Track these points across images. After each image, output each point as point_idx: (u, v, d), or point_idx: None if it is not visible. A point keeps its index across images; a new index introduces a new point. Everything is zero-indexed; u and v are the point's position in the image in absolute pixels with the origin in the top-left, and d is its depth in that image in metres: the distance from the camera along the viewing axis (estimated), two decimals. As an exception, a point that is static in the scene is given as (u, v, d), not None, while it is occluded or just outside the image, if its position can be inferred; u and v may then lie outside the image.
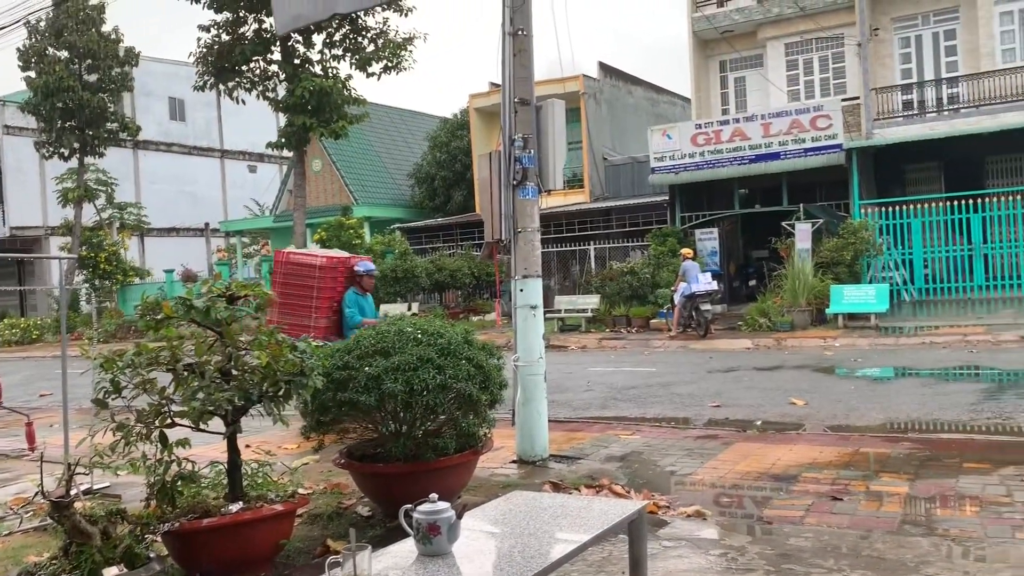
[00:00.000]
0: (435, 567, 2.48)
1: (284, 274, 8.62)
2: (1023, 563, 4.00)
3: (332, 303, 8.30)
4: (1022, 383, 9.87)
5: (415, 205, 31.95)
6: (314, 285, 8.30)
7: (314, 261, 8.40)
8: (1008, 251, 18.90)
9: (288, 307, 8.28)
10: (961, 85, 20.82)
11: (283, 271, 8.65)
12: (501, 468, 6.53)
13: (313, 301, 8.25)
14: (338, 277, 8.36)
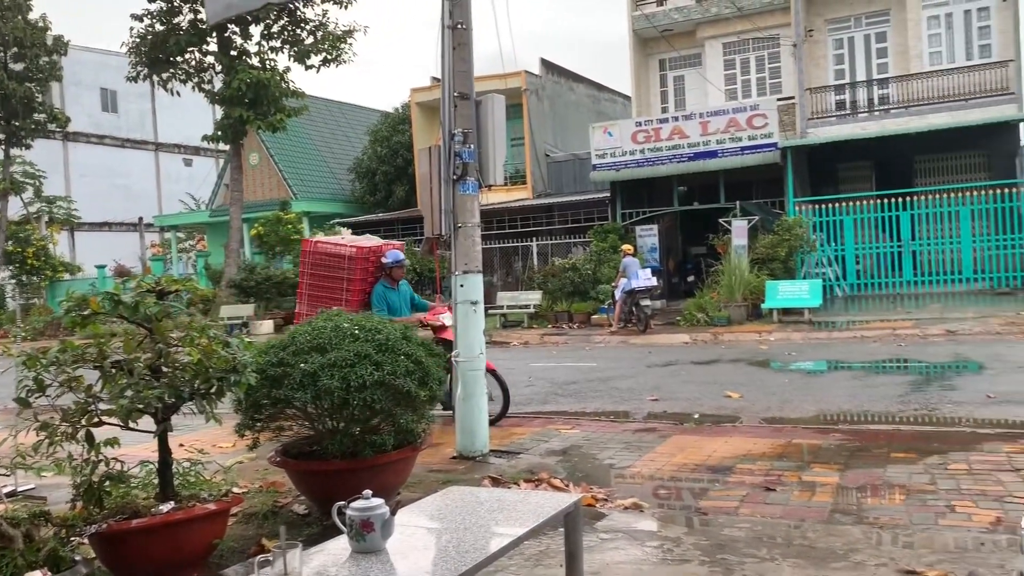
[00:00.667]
0: (368, 564, 2.45)
1: (312, 264, 8.20)
2: (946, 548, 4.13)
3: (363, 295, 7.93)
4: (947, 376, 10.22)
5: (356, 200, 31.64)
6: (344, 276, 7.91)
7: (343, 251, 7.96)
8: (935, 248, 19.55)
9: (317, 299, 7.89)
10: (891, 86, 21.44)
11: (311, 261, 8.24)
12: (441, 464, 6.50)
13: (343, 294, 7.86)
14: (369, 268, 7.96)
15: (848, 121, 21.39)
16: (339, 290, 7.82)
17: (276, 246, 25.74)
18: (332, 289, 7.87)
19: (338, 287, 7.83)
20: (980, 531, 4.39)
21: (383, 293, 7.85)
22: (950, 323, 14.65)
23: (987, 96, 19.95)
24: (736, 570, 3.96)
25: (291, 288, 24.26)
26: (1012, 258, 18.71)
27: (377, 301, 7.76)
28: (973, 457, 5.87)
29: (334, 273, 7.89)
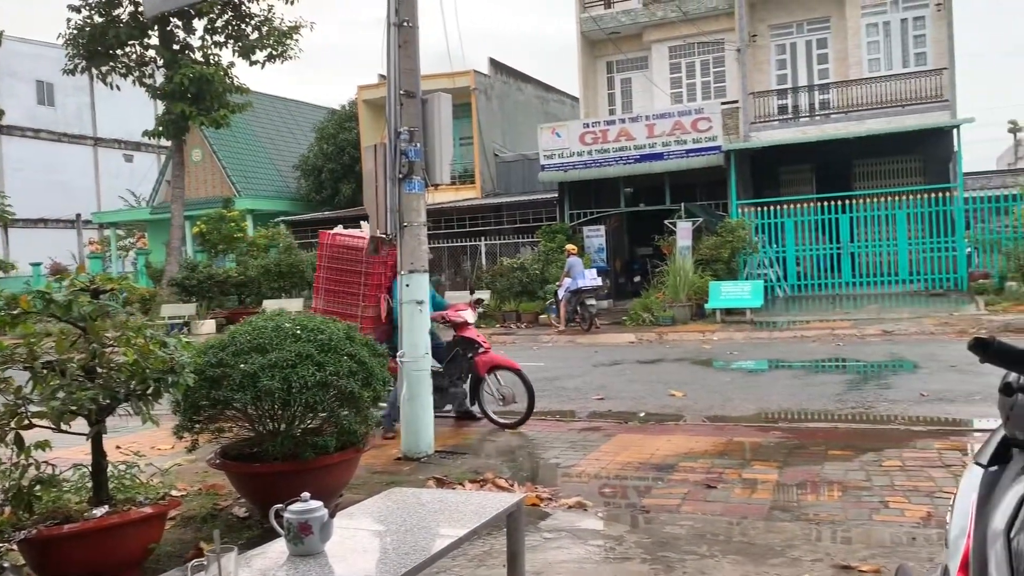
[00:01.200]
0: (306, 567, 2.42)
1: (330, 258, 7.83)
2: (880, 543, 4.23)
3: (381, 290, 7.62)
4: (883, 375, 10.49)
5: (301, 198, 31.26)
6: (361, 271, 7.55)
7: (361, 244, 7.55)
8: (873, 250, 20.06)
9: (334, 294, 7.60)
10: (831, 92, 21.94)
11: (328, 255, 7.86)
12: (386, 465, 6.45)
13: (360, 288, 7.54)
14: (388, 261, 7.52)
15: (790, 125, 21.83)
16: (356, 284, 7.54)
17: (219, 244, 25.28)
18: (349, 284, 7.59)
19: (355, 281, 7.55)
20: (912, 526, 4.51)
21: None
22: (886, 323, 15.05)
23: (922, 103, 20.52)
24: (677, 567, 4.01)
25: (234, 287, 23.88)
26: (945, 260, 19.29)
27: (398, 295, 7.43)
28: (906, 454, 6.03)
29: (351, 267, 7.58)
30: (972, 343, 1.27)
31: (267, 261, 23.67)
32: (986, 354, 1.24)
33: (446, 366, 7.74)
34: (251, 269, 23.51)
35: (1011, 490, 1.34)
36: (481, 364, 7.61)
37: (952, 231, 19.02)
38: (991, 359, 1.24)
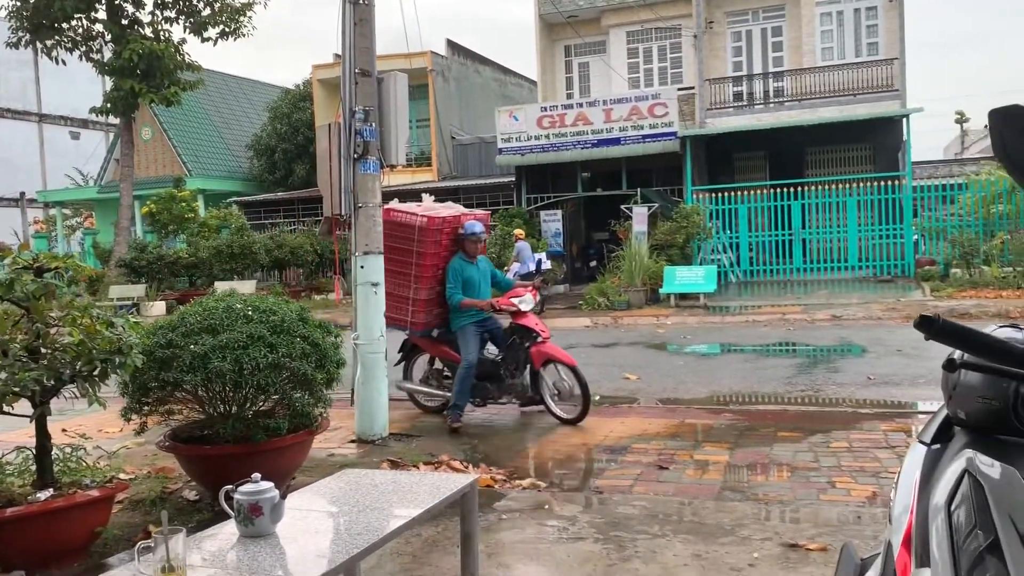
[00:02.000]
0: (257, 548, 2.39)
1: (384, 236, 7.11)
2: (827, 522, 4.33)
3: (436, 271, 7.02)
4: (832, 358, 10.70)
5: (254, 178, 30.77)
6: (413, 249, 6.95)
7: (414, 221, 6.94)
8: (823, 236, 20.41)
9: (388, 274, 6.95)
10: (786, 80, 22.22)
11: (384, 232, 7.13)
12: (339, 448, 6.41)
13: (413, 268, 6.96)
14: (443, 240, 6.99)
15: (745, 112, 22.06)
16: (408, 264, 6.98)
17: (169, 225, 24.79)
18: (402, 263, 6.99)
19: (408, 261, 6.97)
20: (858, 505, 4.62)
21: (460, 268, 6.97)
22: (836, 308, 15.34)
23: (874, 92, 20.90)
24: (628, 547, 4.06)
25: (184, 268, 23.44)
26: (894, 247, 19.71)
27: (452, 277, 6.93)
28: (853, 435, 6.17)
29: (404, 245, 6.96)
30: (918, 321, 1.29)
31: (219, 242, 23.29)
32: (931, 331, 1.26)
33: (504, 355, 7.11)
34: (202, 250, 23.11)
35: (951, 466, 1.37)
36: (536, 355, 6.91)
37: (900, 219, 19.43)
38: (936, 336, 1.26)
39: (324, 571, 2.24)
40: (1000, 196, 18.53)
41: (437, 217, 6.98)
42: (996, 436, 1.75)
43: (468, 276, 6.97)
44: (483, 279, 7.12)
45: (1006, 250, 17.71)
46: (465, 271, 6.97)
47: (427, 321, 7.18)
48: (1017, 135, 1.26)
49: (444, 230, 6.98)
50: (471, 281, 6.98)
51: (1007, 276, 16.89)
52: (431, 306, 7.09)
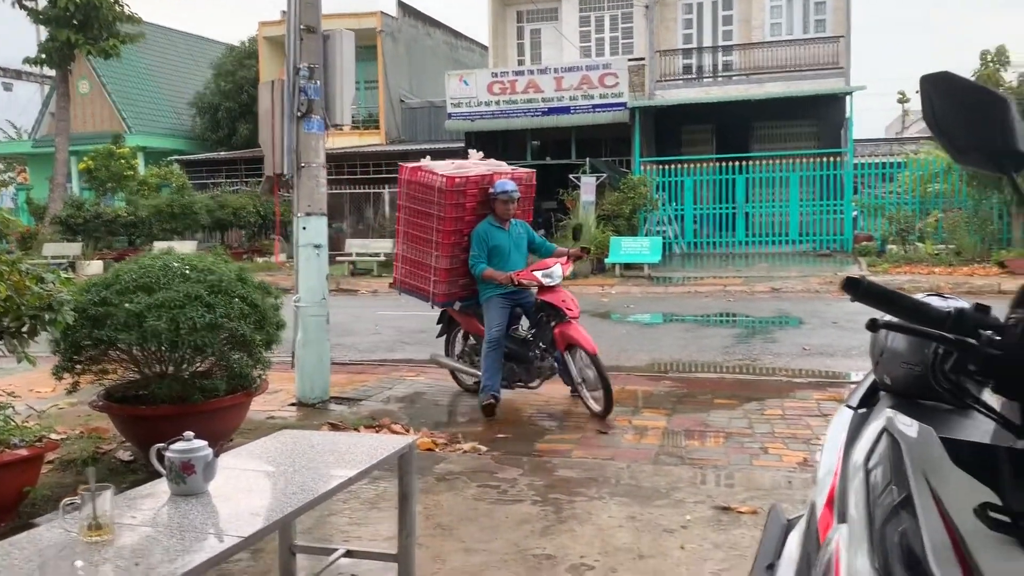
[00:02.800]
0: (188, 507, 2.36)
1: (408, 197, 6.48)
2: (758, 486, 4.44)
3: (462, 237, 6.25)
4: (769, 329, 10.94)
5: (196, 136, 30.01)
6: (434, 213, 6.21)
7: (434, 180, 6.18)
8: (766, 210, 20.75)
9: (412, 239, 6.45)
10: (735, 54, 22.38)
11: (407, 192, 6.48)
12: (279, 411, 6.36)
13: (434, 234, 6.24)
14: (465, 202, 6.18)
15: (693, 85, 22.19)
16: (430, 229, 6.26)
17: (107, 182, 24.07)
18: (424, 228, 6.32)
19: (429, 226, 6.27)
20: (789, 470, 4.75)
21: (485, 234, 6.13)
22: (775, 281, 15.66)
23: (819, 69, 21.18)
24: (566, 508, 4.12)
25: (122, 228, 22.84)
26: (833, 223, 20.12)
27: (476, 243, 6.12)
28: (787, 404, 6.33)
29: (425, 208, 6.26)
30: (844, 282, 1.31)
31: (159, 201, 22.73)
32: (856, 292, 1.29)
33: (535, 333, 6.34)
34: (141, 209, 22.54)
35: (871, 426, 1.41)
36: (559, 338, 6.04)
37: (841, 195, 19.83)
38: (861, 298, 1.29)
39: (256, 529, 2.23)
40: (936, 175, 19.01)
41: (458, 176, 6.17)
42: (918, 401, 1.80)
43: (496, 243, 6.15)
44: (515, 246, 6.26)
45: (940, 228, 18.23)
46: (492, 237, 6.15)
47: (449, 292, 6.44)
48: (946, 101, 1.29)
49: (467, 191, 6.18)
50: (500, 248, 6.16)
51: (940, 253, 17.41)
52: (454, 276, 6.35)
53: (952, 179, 18.65)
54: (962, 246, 17.26)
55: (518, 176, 6.53)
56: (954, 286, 14.04)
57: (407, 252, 6.59)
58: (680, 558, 3.54)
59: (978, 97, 1.26)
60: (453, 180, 6.12)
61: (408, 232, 6.53)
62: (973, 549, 1.05)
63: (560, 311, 6.01)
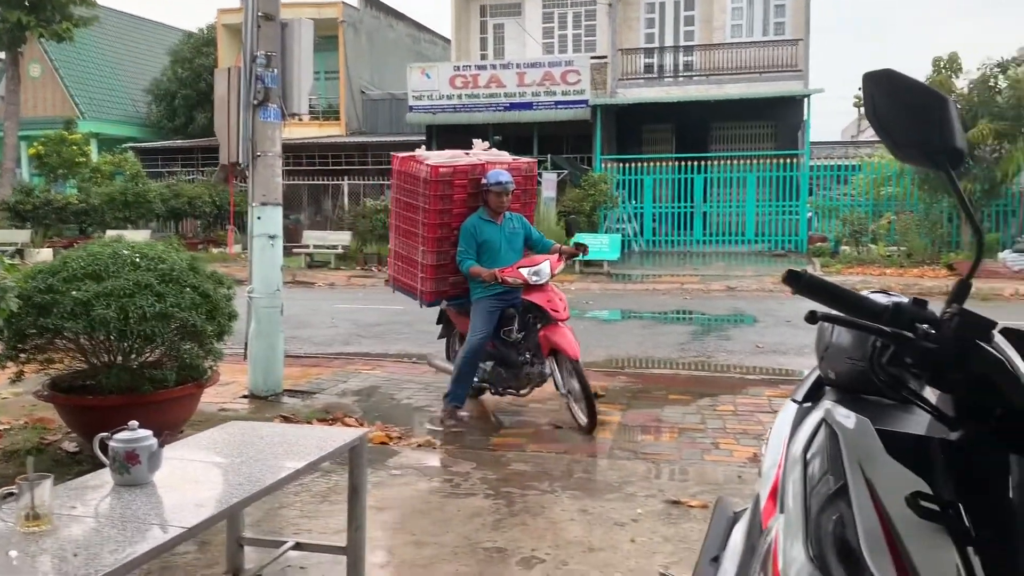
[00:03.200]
0: (131, 497, 2.32)
1: (398, 188, 6.10)
2: (710, 481, 4.50)
3: (451, 232, 5.75)
4: (724, 326, 11.08)
5: (152, 124, 29.47)
6: (420, 206, 5.78)
7: (419, 171, 5.75)
8: (723, 210, 20.99)
9: (403, 234, 6.07)
10: (695, 54, 22.57)
11: (396, 184, 6.12)
12: (231, 403, 6.28)
13: (420, 228, 5.82)
14: (453, 195, 5.70)
15: (655, 84, 22.34)
16: (418, 223, 5.85)
17: (59, 168, 23.53)
18: (412, 221, 5.92)
19: (417, 219, 5.86)
20: (739, 465, 4.81)
21: (474, 228, 5.63)
22: (731, 280, 15.85)
23: (778, 71, 21.45)
24: (518, 501, 4.13)
25: (73, 215, 22.36)
26: (789, 223, 20.43)
27: (464, 238, 5.62)
28: (739, 400, 6.41)
29: (413, 200, 5.88)
30: (786, 275, 1.33)
31: (112, 189, 22.26)
32: (798, 286, 1.31)
33: (523, 336, 5.77)
34: (94, 197, 22.06)
35: (811, 417, 1.43)
36: (543, 341, 5.59)
37: (796, 196, 20.13)
38: (802, 291, 1.31)
39: (201, 520, 2.20)
40: (889, 179, 19.40)
41: (444, 166, 5.72)
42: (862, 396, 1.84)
43: (486, 238, 5.65)
44: (508, 241, 5.74)
45: (892, 230, 18.60)
46: (482, 232, 5.65)
47: (437, 290, 5.98)
48: (888, 98, 1.31)
49: (455, 181, 5.70)
50: (490, 244, 5.66)
51: (892, 255, 17.77)
52: (442, 272, 5.87)
53: (904, 183, 19.04)
54: (913, 248, 17.64)
55: (516, 166, 6.05)
56: (904, 287, 14.33)
57: (398, 247, 6.22)
58: (630, 551, 3.57)
59: (919, 95, 1.29)
60: (437, 170, 5.64)
61: (399, 226, 6.14)
62: (904, 536, 1.07)
63: (547, 312, 5.54)
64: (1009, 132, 16.59)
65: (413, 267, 6.02)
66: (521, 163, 6.21)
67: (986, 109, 16.76)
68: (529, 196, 6.33)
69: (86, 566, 1.88)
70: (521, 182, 6.02)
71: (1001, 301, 13.09)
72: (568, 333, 5.53)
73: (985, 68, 17.30)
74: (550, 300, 5.55)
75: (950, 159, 1.30)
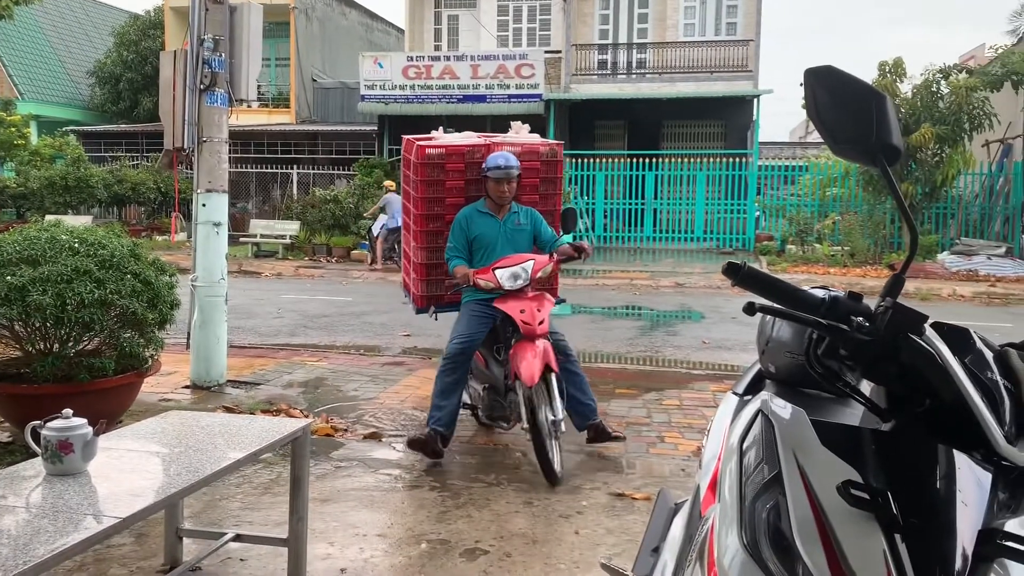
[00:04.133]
0: (64, 487, 2.26)
1: (403, 176, 5.51)
2: (655, 474, 4.55)
3: (442, 224, 5.02)
4: (672, 322, 11.20)
5: (96, 107, 28.70)
6: (411, 194, 5.19)
7: (411, 154, 5.11)
8: (673, 207, 21.22)
9: (405, 227, 5.55)
10: (648, 52, 22.75)
11: (403, 172, 5.52)
12: (172, 393, 6.16)
13: (411, 219, 5.24)
14: (446, 180, 4.97)
15: (608, 81, 22.47)
16: (408, 212, 5.34)
17: (-4, 151, 22.81)
18: (407, 209, 5.39)
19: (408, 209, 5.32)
20: (683, 459, 4.88)
21: (465, 221, 4.81)
22: (680, 276, 16.04)
23: (729, 71, 21.74)
24: (463, 494, 4.12)
25: (11, 199, 21.70)
26: (737, 222, 20.74)
27: (452, 233, 4.83)
28: (684, 394, 6.49)
29: (407, 187, 5.32)
30: (725, 267, 1.35)
31: (52, 173, 21.63)
32: (736, 277, 1.33)
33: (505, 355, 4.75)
34: (33, 180, 21.42)
35: (748, 408, 1.45)
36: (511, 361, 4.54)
37: (745, 195, 20.44)
38: (740, 282, 1.33)
39: (136, 510, 2.15)
40: (835, 180, 19.81)
41: (434, 145, 4.98)
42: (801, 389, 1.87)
43: (479, 233, 4.78)
44: (510, 239, 4.80)
45: (836, 230, 19.01)
46: (475, 226, 4.79)
47: (430, 294, 5.20)
48: (828, 94, 1.33)
49: (447, 165, 4.94)
50: (484, 240, 4.78)
51: (836, 254, 18.16)
52: (436, 274, 5.10)
53: (850, 184, 19.46)
54: (856, 248, 18.04)
55: (532, 148, 5.11)
56: (847, 286, 14.61)
57: (405, 245, 5.67)
58: (574, 543, 3.59)
59: (858, 92, 1.31)
60: (424, 150, 4.92)
61: (404, 220, 5.57)
62: (834, 523, 1.09)
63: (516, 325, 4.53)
64: (949, 136, 17.05)
65: (408, 264, 5.51)
66: (537, 145, 5.20)
67: (928, 114, 17.20)
68: (551, 186, 5.25)
69: (16, 557, 1.83)
70: (540, 168, 5.12)
71: (939, 301, 13.48)
72: (535, 352, 4.40)
73: (928, 74, 17.75)
74: (523, 310, 4.49)
75: (886, 155, 1.33)
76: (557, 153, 5.27)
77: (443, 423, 4.65)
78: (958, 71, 17.81)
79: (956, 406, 1.22)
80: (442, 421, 4.64)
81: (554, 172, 5.26)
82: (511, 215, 4.87)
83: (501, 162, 4.72)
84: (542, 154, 5.17)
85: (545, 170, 5.19)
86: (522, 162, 4.89)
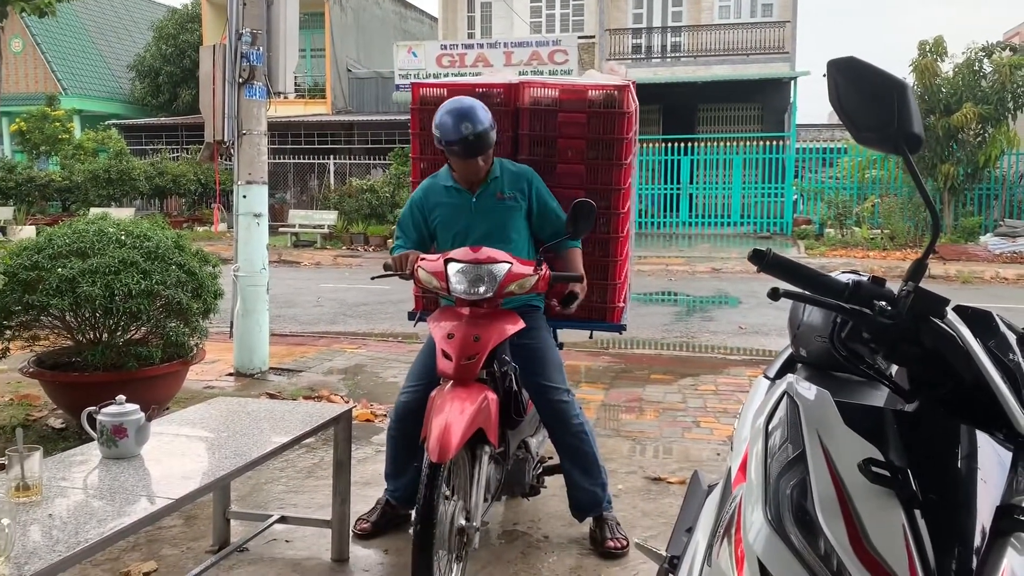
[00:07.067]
0: (119, 470, 2.37)
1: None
2: (690, 458, 4.58)
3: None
4: (708, 307, 11.17)
5: (136, 101, 29.20)
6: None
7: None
8: (709, 192, 21.06)
9: None
10: (683, 35, 22.56)
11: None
12: (217, 381, 6.31)
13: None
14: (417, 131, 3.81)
15: (642, 65, 22.33)
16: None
17: (41, 145, 23.33)
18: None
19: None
20: (718, 443, 4.90)
21: (423, 200, 3.42)
22: (716, 262, 15.95)
23: (765, 53, 21.50)
24: (501, 478, 4.19)
25: (57, 192, 22.21)
26: (774, 205, 20.54)
27: (405, 215, 3.50)
28: (720, 380, 6.50)
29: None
30: (751, 254, 1.39)
31: (96, 166, 22.10)
32: (762, 263, 1.37)
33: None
34: (77, 174, 21.90)
35: (775, 390, 1.49)
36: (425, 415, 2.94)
37: (782, 178, 20.23)
38: (766, 268, 1.37)
39: (188, 491, 2.25)
40: (874, 162, 19.52)
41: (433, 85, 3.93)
42: (831, 372, 1.90)
43: (442, 218, 3.37)
44: (488, 219, 3.27)
45: (876, 213, 18.74)
46: (432, 200, 3.39)
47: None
48: (850, 84, 1.37)
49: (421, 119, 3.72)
50: (448, 220, 3.35)
51: (875, 238, 17.91)
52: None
53: (889, 166, 19.16)
54: (896, 231, 17.79)
55: (574, 93, 3.48)
56: (887, 270, 14.48)
57: None
58: (609, 525, 3.64)
59: (879, 81, 1.34)
60: (418, 90, 3.83)
61: None
62: (855, 499, 1.14)
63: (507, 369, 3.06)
64: (992, 116, 16.71)
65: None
66: (589, 87, 3.49)
67: (970, 93, 16.87)
68: (608, 151, 3.49)
69: (75, 535, 1.93)
70: (587, 125, 3.47)
71: (981, 283, 13.26)
72: (460, 406, 2.70)
73: (970, 52, 17.39)
74: (450, 335, 2.87)
75: (908, 144, 1.36)
76: (619, 100, 3.43)
77: (392, 490, 3.42)
78: (1002, 48, 17.42)
79: (978, 387, 1.26)
80: (392, 490, 3.42)
81: (612, 131, 3.45)
82: (490, 183, 3.27)
83: (452, 124, 3.00)
84: (593, 101, 3.46)
85: (598, 127, 3.45)
86: (560, 114, 3.44)
